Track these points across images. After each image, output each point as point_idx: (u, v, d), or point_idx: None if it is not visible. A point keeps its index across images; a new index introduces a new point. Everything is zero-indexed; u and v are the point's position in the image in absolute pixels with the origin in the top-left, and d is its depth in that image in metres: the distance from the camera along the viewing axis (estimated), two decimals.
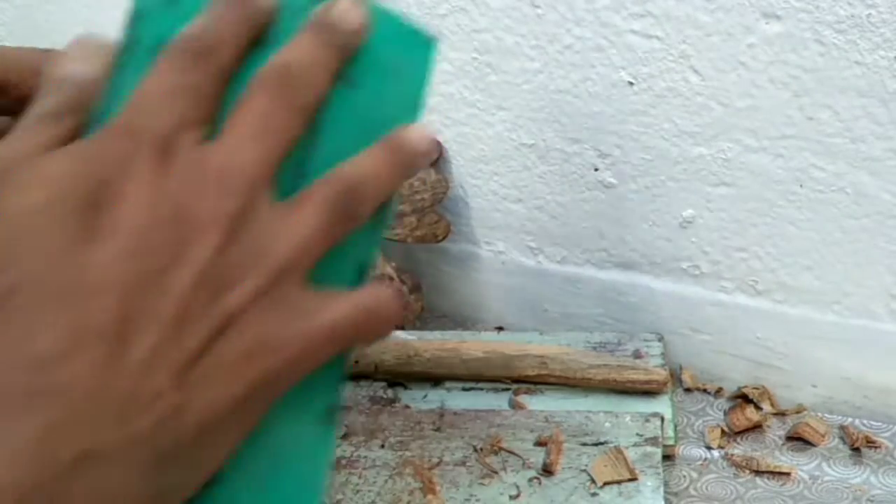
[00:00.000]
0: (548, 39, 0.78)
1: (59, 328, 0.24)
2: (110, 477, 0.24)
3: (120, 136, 0.27)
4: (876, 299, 0.75)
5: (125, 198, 0.26)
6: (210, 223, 0.26)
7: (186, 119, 0.27)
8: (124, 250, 0.25)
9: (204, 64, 0.28)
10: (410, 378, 0.80)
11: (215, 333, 0.26)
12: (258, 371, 0.26)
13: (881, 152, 0.69)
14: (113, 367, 0.24)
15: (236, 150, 0.27)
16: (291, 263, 0.27)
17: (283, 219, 0.28)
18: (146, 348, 0.25)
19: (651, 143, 0.78)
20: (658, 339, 0.83)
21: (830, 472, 0.72)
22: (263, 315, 0.27)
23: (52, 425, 0.23)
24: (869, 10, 0.65)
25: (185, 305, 0.25)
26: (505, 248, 0.91)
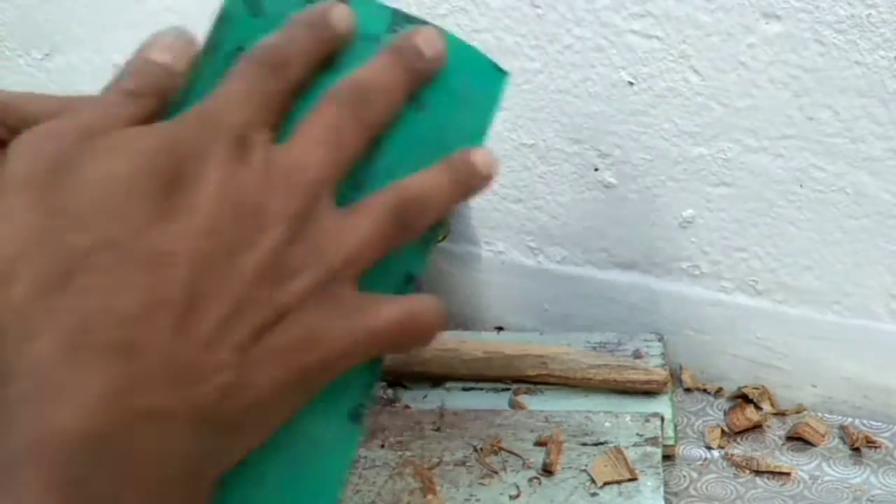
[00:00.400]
0: (548, 39, 0.78)
1: (138, 291, 0.25)
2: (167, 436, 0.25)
3: (201, 124, 0.28)
4: (876, 299, 0.75)
5: (202, 181, 0.27)
6: (275, 218, 0.28)
7: (260, 119, 0.29)
8: (198, 229, 0.27)
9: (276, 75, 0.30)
10: (410, 378, 0.80)
11: (272, 320, 0.27)
12: (305, 361, 0.28)
13: (881, 152, 0.69)
14: (182, 334, 0.26)
15: (304, 153, 0.29)
16: (346, 264, 0.29)
17: (342, 222, 0.29)
18: (212, 323, 0.26)
19: (651, 143, 0.78)
20: (658, 339, 0.83)
21: (830, 472, 0.72)
22: (315, 310, 0.28)
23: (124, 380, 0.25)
24: (869, 10, 0.65)
25: (248, 290, 0.27)
26: (505, 248, 0.91)
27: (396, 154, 0.31)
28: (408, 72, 0.31)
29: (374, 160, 0.31)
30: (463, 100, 0.33)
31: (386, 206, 0.30)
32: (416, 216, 0.31)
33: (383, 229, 0.30)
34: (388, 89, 0.31)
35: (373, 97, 0.30)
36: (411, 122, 0.32)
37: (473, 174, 0.33)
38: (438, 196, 0.31)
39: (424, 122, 0.32)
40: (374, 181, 0.31)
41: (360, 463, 0.69)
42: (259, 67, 0.30)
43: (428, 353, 0.80)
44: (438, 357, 0.80)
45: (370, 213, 0.30)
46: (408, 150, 0.32)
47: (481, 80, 0.34)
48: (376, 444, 0.71)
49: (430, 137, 0.32)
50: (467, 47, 0.34)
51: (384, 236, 0.30)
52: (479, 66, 0.34)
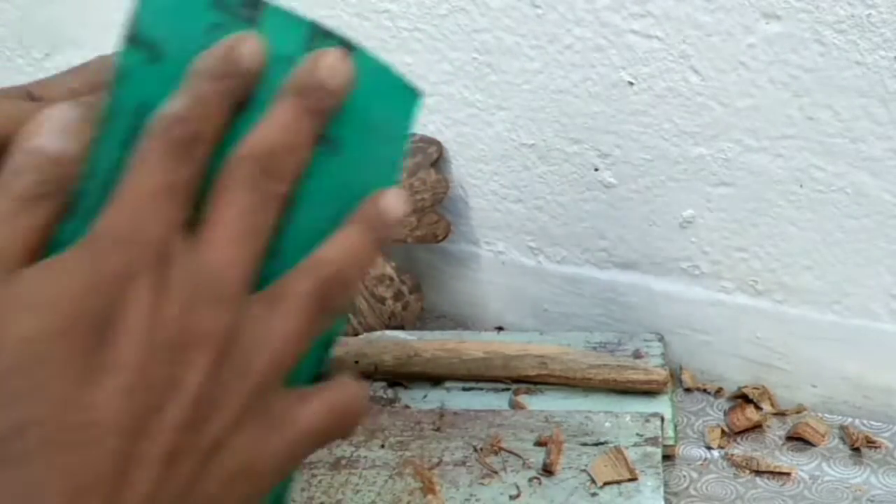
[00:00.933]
0: (548, 39, 0.78)
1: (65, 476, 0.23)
2: None
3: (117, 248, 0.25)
4: (876, 299, 0.75)
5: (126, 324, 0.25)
6: (203, 344, 0.26)
7: (175, 222, 0.26)
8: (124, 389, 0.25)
9: (189, 154, 0.26)
10: (410, 378, 0.80)
11: (203, 464, 0.26)
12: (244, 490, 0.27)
13: (881, 152, 0.69)
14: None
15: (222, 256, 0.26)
16: (273, 373, 0.27)
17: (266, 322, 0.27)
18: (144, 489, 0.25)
19: (651, 143, 0.78)
20: (658, 339, 0.83)
21: (830, 472, 0.72)
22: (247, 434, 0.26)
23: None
24: (869, 10, 0.65)
25: (177, 441, 0.25)
26: (505, 248, 0.91)
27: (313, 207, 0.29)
28: (314, 115, 0.28)
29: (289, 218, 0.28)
30: (377, 129, 0.30)
31: (308, 291, 0.28)
32: (339, 292, 0.28)
33: (309, 319, 0.28)
34: (295, 148, 0.28)
35: (280, 163, 0.27)
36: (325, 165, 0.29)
37: (387, 225, 0.30)
38: (358, 262, 0.29)
39: (339, 163, 0.29)
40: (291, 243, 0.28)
41: (360, 463, 0.69)
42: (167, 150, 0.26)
43: (428, 353, 0.80)
44: (438, 357, 0.80)
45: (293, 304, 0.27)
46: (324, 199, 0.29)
47: (395, 102, 0.31)
48: (376, 444, 0.71)
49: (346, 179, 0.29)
50: (380, 69, 0.30)
51: (311, 327, 0.28)
52: (392, 88, 0.31)
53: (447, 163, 0.89)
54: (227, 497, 0.26)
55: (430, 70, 0.86)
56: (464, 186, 0.90)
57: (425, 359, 0.80)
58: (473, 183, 0.89)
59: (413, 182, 0.87)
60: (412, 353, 0.80)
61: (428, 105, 0.88)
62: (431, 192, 0.87)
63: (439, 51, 0.85)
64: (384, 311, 0.91)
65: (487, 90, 0.84)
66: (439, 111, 0.87)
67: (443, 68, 0.85)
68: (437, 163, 0.88)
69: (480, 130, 0.86)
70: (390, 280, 0.90)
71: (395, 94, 0.30)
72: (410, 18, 0.85)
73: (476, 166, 0.88)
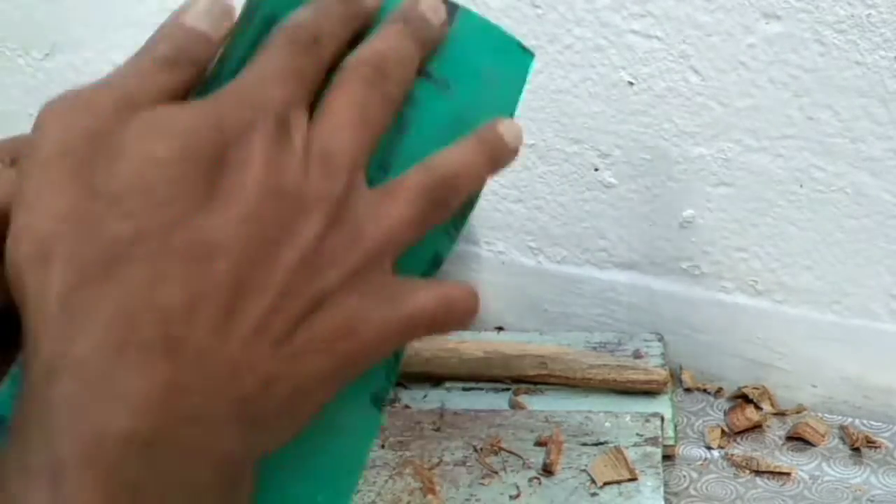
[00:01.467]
0: (548, 39, 0.78)
1: (179, 284, 0.25)
2: (212, 436, 0.25)
3: (242, 103, 0.28)
4: (876, 299, 0.75)
5: (245, 165, 0.27)
6: (316, 204, 0.27)
7: (297, 98, 0.28)
8: (242, 218, 0.26)
9: (309, 52, 0.29)
10: (410, 378, 0.80)
11: (311, 309, 0.27)
12: (346, 348, 0.28)
13: (881, 152, 0.69)
14: (224, 330, 0.25)
15: (337, 135, 0.29)
16: (384, 249, 0.29)
17: (378, 205, 0.29)
18: (254, 317, 0.26)
19: (651, 143, 0.78)
20: (658, 339, 0.83)
21: (830, 472, 0.72)
22: (354, 297, 0.28)
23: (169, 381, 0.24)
24: (869, 10, 0.65)
25: (290, 280, 0.27)
26: (505, 248, 0.91)
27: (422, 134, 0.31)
28: (416, 41, 0.31)
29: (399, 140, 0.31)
30: (487, 80, 0.33)
31: (419, 186, 0.29)
32: (450, 195, 0.30)
33: (419, 211, 0.29)
34: (402, 60, 0.30)
35: (390, 69, 0.30)
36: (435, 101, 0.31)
37: (502, 147, 0.32)
38: (470, 172, 0.31)
39: (448, 102, 0.32)
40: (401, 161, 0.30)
41: None
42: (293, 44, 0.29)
43: (428, 353, 0.80)
44: (438, 357, 0.80)
45: (405, 195, 0.29)
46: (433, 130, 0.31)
47: (505, 58, 0.34)
48: (376, 444, 0.71)
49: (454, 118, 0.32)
50: (490, 26, 0.33)
51: (420, 218, 0.29)
52: (504, 46, 0.34)
53: None
54: (326, 351, 0.27)
55: None
56: None
57: (425, 359, 0.80)
58: None
59: None
60: (412, 353, 0.80)
61: None
62: None
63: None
64: None
65: None
66: None
67: None
68: None
69: None
70: None
71: (504, 50, 0.34)
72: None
73: None
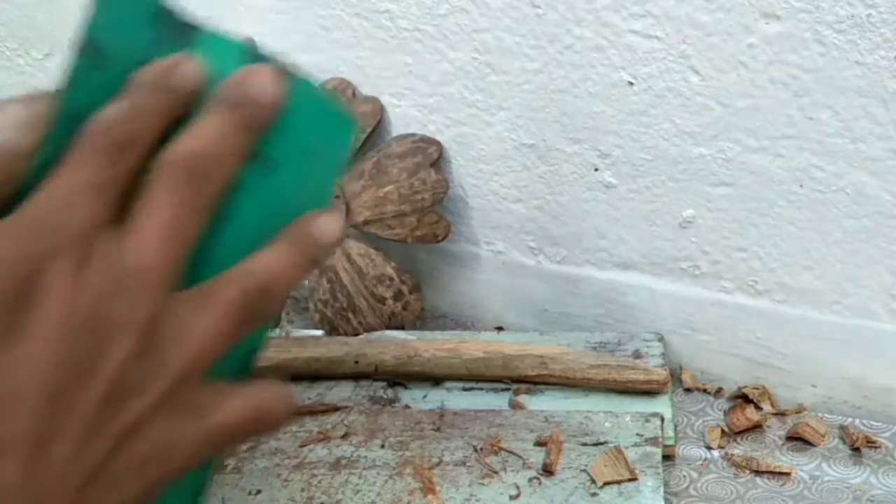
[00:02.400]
0: (548, 39, 0.78)
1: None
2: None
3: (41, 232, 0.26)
4: (876, 299, 0.75)
5: (46, 300, 0.26)
6: (123, 330, 0.26)
7: (102, 216, 0.27)
8: (43, 359, 0.25)
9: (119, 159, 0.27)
10: (410, 378, 0.80)
11: (119, 443, 0.27)
12: (156, 474, 0.28)
13: (881, 152, 0.69)
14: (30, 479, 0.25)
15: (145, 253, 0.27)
16: (194, 366, 0.28)
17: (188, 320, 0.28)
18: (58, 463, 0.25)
19: (651, 143, 0.78)
20: (658, 339, 0.83)
21: (830, 472, 0.72)
22: (163, 421, 0.27)
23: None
24: (869, 10, 0.65)
25: (93, 419, 0.26)
26: (505, 248, 0.91)
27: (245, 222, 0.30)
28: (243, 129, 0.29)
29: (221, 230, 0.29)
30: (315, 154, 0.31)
31: (233, 298, 0.28)
32: (262, 307, 0.29)
33: (232, 324, 0.28)
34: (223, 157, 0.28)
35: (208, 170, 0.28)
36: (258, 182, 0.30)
37: (317, 247, 0.30)
38: (286, 277, 0.30)
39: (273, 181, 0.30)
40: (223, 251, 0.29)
41: (360, 463, 0.69)
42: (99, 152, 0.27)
43: (428, 353, 0.80)
44: (438, 357, 0.80)
45: (216, 310, 0.28)
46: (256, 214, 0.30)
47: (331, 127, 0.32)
48: (376, 444, 0.71)
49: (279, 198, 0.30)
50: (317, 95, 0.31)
51: (233, 331, 0.29)
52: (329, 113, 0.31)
53: (447, 163, 0.90)
54: (138, 478, 0.27)
55: (430, 70, 0.86)
56: (464, 186, 0.90)
57: (425, 359, 0.80)
58: (473, 183, 0.89)
59: (413, 182, 0.87)
60: (412, 353, 0.80)
61: (428, 105, 0.88)
62: (431, 192, 0.87)
63: (439, 51, 0.85)
64: (384, 311, 0.91)
65: (487, 90, 0.84)
66: (439, 111, 0.88)
67: (443, 68, 0.85)
68: (437, 163, 0.88)
69: (480, 130, 0.86)
70: (390, 280, 0.90)
71: (332, 121, 0.32)
72: (410, 18, 0.85)
73: (476, 166, 0.88)
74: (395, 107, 0.90)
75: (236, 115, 0.28)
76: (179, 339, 0.27)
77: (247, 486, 0.68)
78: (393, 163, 0.88)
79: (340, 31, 0.89)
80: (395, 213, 0.88)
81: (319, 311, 0.92)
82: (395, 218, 0.88)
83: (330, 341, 0.83)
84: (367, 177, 0.89)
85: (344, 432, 0.73)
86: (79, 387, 0.26)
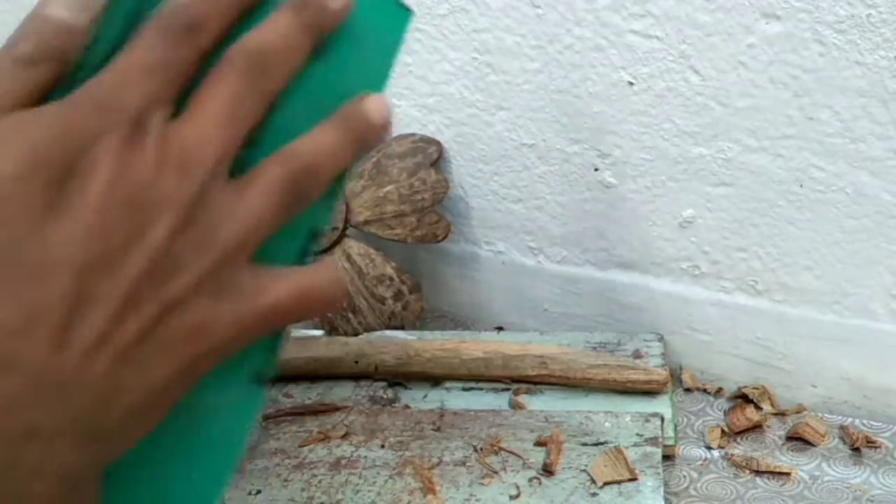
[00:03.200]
0: (548, 39, 0.78)
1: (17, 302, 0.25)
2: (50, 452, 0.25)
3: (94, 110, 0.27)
4: (876, 299, 0.75)
5: (91, 175, 0.26)
6: (166, 207, 0.27)
7: (159, 97, 0.27)
8: (83, 229, 0.26)
9: (187, 41, 0.28)
10: (410, 378, 0.80)
11: (159, 317, 0.26)
12: (194, 352, 0.27)
13: (881, 152, 0.69)
14: (61, 347, 0.25)
15: (201, 131, 0.28)
16: (239, 247, 0.28)
17: (235, 201, 0.28)
18: (93, 331, 0.25)
19: (651, 143, 0.78)
20: (658, 339, 0.83)
21: (830, 472, 0.72)
22: (205, 299, 0.27)
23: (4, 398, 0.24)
24: (869, 10, 0.65)
25: (134, 290, 0.26)
26: (505, 248, 0.91)
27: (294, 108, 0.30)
28: (310, 30, 0.29)
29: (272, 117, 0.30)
30: (364, 44, 0.31)
31: (278, 178, 0.29)
32: (311, 184, 0.30)
33: (277, 204, 0.29)
34: (288, 53, 0.29)
35: (273, 64, 0.29)
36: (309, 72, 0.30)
37: (368, 128, 0.31)
38: (333, 157, 0.30)
39: (323, 71, 0.30)
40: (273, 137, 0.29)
41: (360, 463, 0.69)
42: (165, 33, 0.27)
43: (428, 353, 0.80)
44: (438, 357, 0.80)
45: (262, 188, 0.28)
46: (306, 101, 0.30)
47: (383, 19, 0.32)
48: (376, 444, 0.71)
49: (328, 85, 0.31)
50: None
51: (278, 211, 0.29)
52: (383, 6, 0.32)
53: (447, 163, 0.89)
54: (171, 358, 0.27)
55: (430, 70, 0.86)
56: (464, 186, 0.90)
57: (425, 359, 0.80)
58: (473, 183, 0.89)
59: (413, 182, 0.87)
60: (412, 353, 0.80)
61: (428, 105, 0.88)
62: (431, 192, 0.87)
63: (439, 51, 0.85)
64: (384, 311, 0.91)
65: (487, 90, 0.84)
66: (439, 111, 0.88)
67: (443, 68, 0.85)
68: (437, 163, 0.88)
69: (480, 130, 0.86)
70: (390, 280, 0.90)
71: (384, 11, 0.32)
72: None
73: (476, 166, 0.88)
74: (395, 107, 0.90)
75: (305, 17, 0.29)
76: (225, 218, 0.28)
77: (247, 486, 0.68)
78: (393, 163, 0.88)
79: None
80: (395, 213, 0.88)
81: None
82: (395, 218, 0.88)
83: (330, 341, 0.83)
84: (367, 177, 0.89)
85: (344, 432, 0.73)
86: (117, 259, 0.26)
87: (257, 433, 0.74)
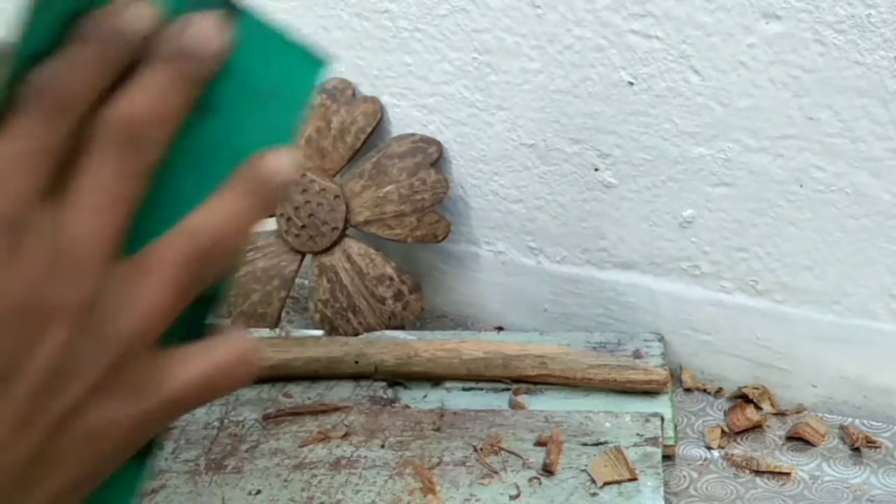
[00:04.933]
0: (548, 39, 0.78)
1: None
2: None
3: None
4: (876, 299, 0.75)
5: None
6: (57, 314, 0.25)
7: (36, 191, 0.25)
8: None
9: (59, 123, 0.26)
10: (410, 378, 0.80)
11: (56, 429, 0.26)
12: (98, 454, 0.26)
13: (881, 152, 0.69)
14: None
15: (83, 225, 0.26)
16: (138, 342, 0.27)
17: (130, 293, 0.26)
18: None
19: (651, 143, 0.78)
20: (658, 339, 0.83)
21: (830, 472, 0.72)
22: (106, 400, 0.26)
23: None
24: (869, 10, 0.65)
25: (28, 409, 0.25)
26: (505, 248, 0.91)
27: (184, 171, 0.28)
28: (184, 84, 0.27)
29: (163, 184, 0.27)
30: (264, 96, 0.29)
31: (174, 262, 0.27)
32: (210, 263, 0.27)
33: (175, 290, 0.27)
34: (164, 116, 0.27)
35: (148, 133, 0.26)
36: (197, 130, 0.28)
37: (268, 191, 0.28)
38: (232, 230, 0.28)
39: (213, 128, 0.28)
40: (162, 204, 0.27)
41: (360, 463, 0.69)
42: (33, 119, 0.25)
43: (428, 353, 0.80)
44: (438, 357, 0.80)
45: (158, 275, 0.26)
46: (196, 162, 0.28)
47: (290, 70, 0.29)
48: (376, 444, 0.71)
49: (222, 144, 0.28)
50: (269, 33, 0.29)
51: (177, 297, 0.27)
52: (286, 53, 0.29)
53: (447, 163, 0.89)
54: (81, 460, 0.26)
55: (430, 70, 0.86)
56: (464, 186, 0.90)
57: (425, 359, 0.80)
58: (473, 183, 0.89)
59: (413, 182, 0.87)
60: (412, 353, 0.80)
61: (428, 105, 0.88)
62: (431, 192, 0.87)
63: (439, 51, 0.85)
64: (384, 311, 0.91)
65: (487, 90, 0.84)
66: (439, 111, 0.87)
67: (443, 68, 0.85)
68: (437, 163, 0.88)
69: (480, 130, 0.86)
70: (390, 280, 0.90)
71: (287, 59, 0.29)
72: (410, 18, 0.85)
73: (476, 166, 0.88)
74: (395, 107, 0.90)
75: (177, 71, 0.26)
76: (121, 314, 0.26)
77: (247, 486, 0.68)
78: (393, 163, 0.88)
79: (340, 31, 0.89)
80: (395, 213, 0.88)
81: (319, 311, 0.92)
82: (395, 218, 0.88)
83: (330, 341, 0.83)
84: (367, 177, 0.89)
85: (344, 432, 0.73)
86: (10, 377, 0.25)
87: (257, 433, 0.74)
